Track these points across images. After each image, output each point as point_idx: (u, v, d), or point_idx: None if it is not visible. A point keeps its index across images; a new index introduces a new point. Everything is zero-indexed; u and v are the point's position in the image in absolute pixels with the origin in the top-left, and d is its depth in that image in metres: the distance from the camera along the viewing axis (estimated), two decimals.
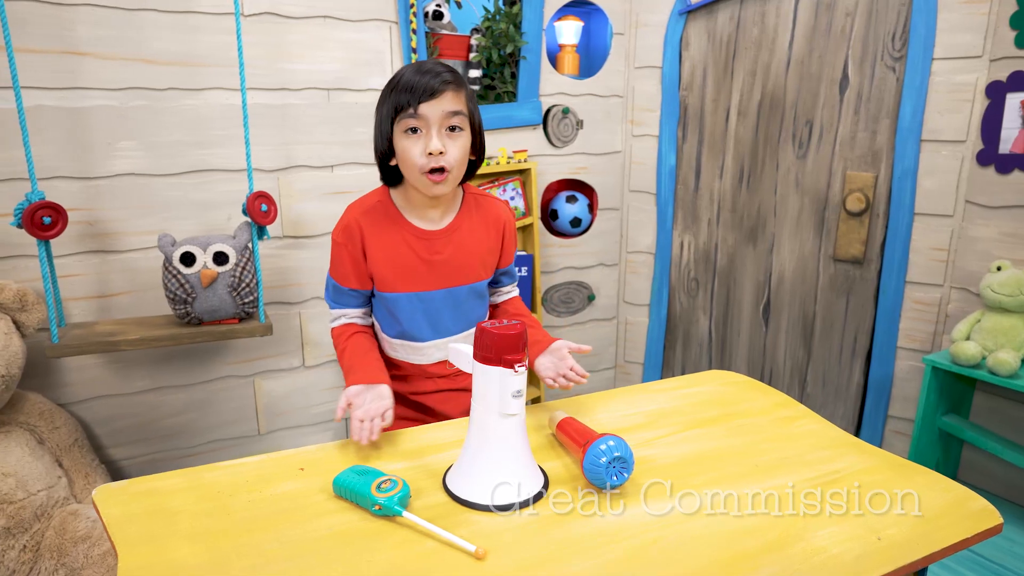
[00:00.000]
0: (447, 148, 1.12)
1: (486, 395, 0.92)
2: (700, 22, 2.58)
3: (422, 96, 1.09)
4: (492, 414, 0.92)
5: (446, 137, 1.12)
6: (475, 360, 0.92)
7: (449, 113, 1.11)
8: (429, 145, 1.10)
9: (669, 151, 2.72)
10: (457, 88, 1.13)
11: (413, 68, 1.13)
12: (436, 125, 1.11)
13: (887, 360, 2.41)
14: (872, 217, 2.37)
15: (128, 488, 0.94)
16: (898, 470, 1.04)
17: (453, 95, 1.12)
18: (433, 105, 1.10)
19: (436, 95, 1.10)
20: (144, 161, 1.99)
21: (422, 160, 1.12)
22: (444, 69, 1.13)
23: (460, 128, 1.14)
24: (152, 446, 2.18)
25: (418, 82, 1.09)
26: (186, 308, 1.84)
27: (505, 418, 0.92)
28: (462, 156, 1.15)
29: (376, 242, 1.21)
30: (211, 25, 1.98)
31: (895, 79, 2.26)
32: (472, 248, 1.25)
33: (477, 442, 0.94)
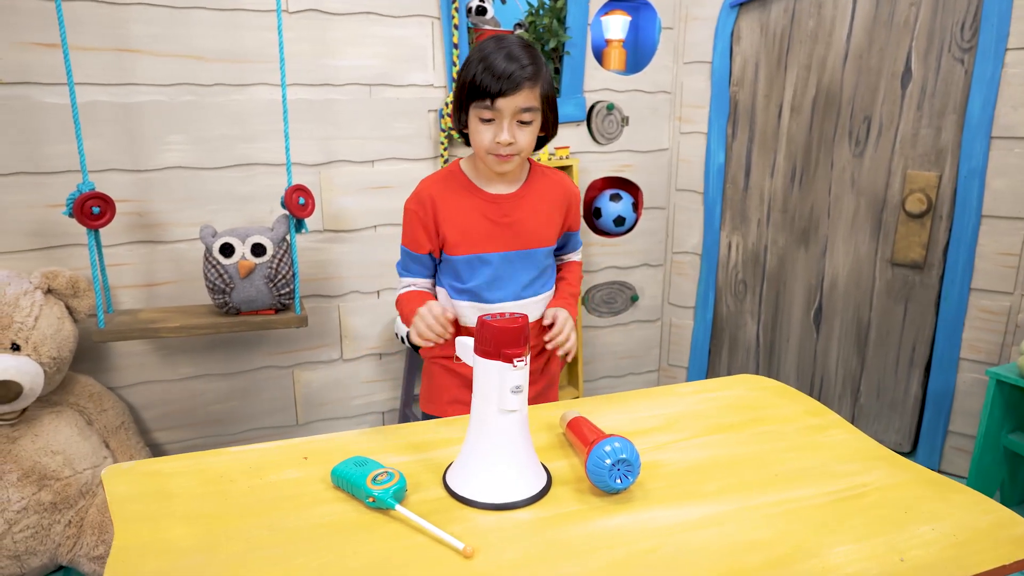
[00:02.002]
0: (516, 138, 1.18)
1: (486, 390, 0.89)
2: (752, 15, 2.48)
3: (500, 91, 1.13)
4: (492, 409, 0.89)
5: (516, 128, 1.18)
6: (475, 353, 0.90)
7: (522, 109, 1.16)
8: (499, 136, 1.17)
9: (718, 149, 2.63)
10: (534, 83, 1.16)
11: (495, 50, 1.15)
12: (508, 118, 1.16)
13: (948, 371, 2.26)
14: (934, 219, 2.23)
15: (136, 469, 0.96)
16: (932, 487, 0.96)
17: (529, 91, 1.16)
18: (508, 100, 1.14)
19: (514, 91, 1.14)
20: (191, 155, 2.05)
21: (490, 145, 1.18)
22: (526, 58, 1.15)
23: (531, 120, 1.18)
24: (194, 432, 2.25)
25: (498, 75, 1.13)
26: (224, 298, 1.89)
27: (504, 414, 0.89)
28: (530, 141, 1.21)
29: (447, 207, 1.27)
30: (256, 22, 2.03)
31: (963, 72, 2.12)
32: (540, 213, 1.30)
33: (476, 438, 0.92)
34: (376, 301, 2.39)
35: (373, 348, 2.43)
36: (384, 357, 2.46)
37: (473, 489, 0.90)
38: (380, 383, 2.47)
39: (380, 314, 2.41)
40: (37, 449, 1.75)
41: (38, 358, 1.74)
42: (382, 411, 2.50)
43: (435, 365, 1.43)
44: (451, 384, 1.39)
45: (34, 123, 1.88)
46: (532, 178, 1.32)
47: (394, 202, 2.33)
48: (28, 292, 1.78)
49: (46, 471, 1.75)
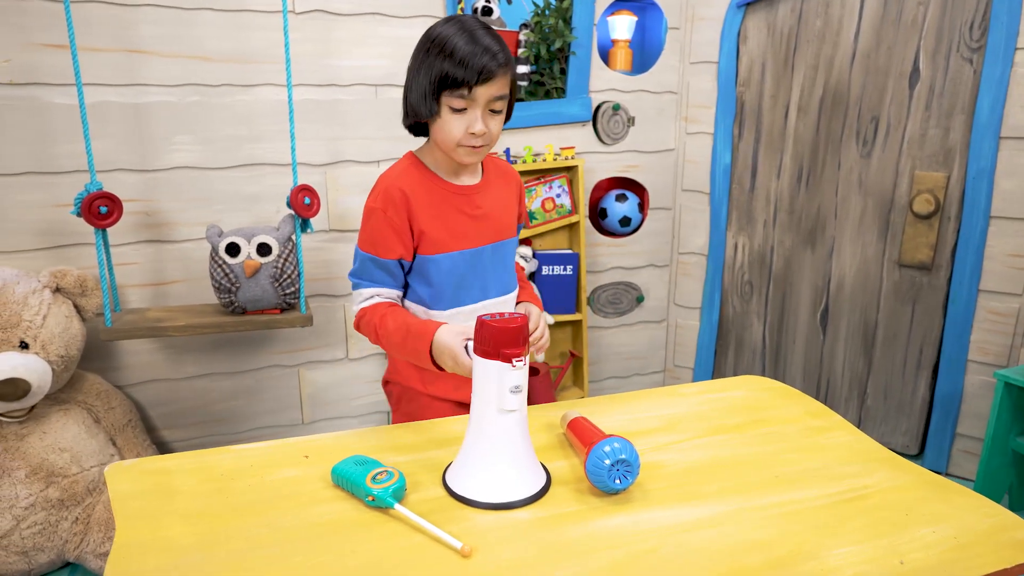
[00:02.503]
0: (489, 127, 1.13)
1: (485, 390, 0.90)
2: (759, 15, 2.47)
3: (478, 79, 1.07)
4: (491, 409, 0.89)
5: (488, 117, 1.13)
6: (474, 353, 0.90)
7: (496, 97, 1.11)
8: (474, 126, 1.11)
9: (724, 149, 2.62)
10: (506, 70, 1.11)
11: (466, 37, 1.07)
12: (482, 107, 1.11)
13: (956, 374, 2.24)
14: (942, 220, 2.22)
15: (138, 466, 0.97)
16: (934, 489, 0.95)
17: (503, 78, 1.11)
18: (485, 89, 1.09)
19: (491, 79, 1.08)
20: (198, 155, 2.06)
21: (463, 136, 1.12)
22: (496, 45, 1.09)
23: (501, 109, 1.15)
24: (200, 430, 2.26)
25: (475, 62, 1.06)
26: (230, 297, 1.90)
27: (504, 414, 0.89)
28: (499, 131, 1.17)
29: (421, 202, 1.17)
30: (263, 23, 2.04)
31: (972, 72, 2.10)
32: (502, 201, 1.28)
33: (475, 438, 0.92)
34: None
35: (377, 348, 2.43)
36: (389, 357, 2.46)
37: (472, 488, 0.90)
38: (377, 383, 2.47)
39: None
40: (45, 446, 1.77)
41: (46, 356, 1.76)
42: (386, 411, 2.51)
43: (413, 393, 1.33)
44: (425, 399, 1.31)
45: (43, 123, 1.89)
46: (487, 167, 1.28)
47: None
48: (37, 291, 1.79)
49: (54, 468, 1.77)
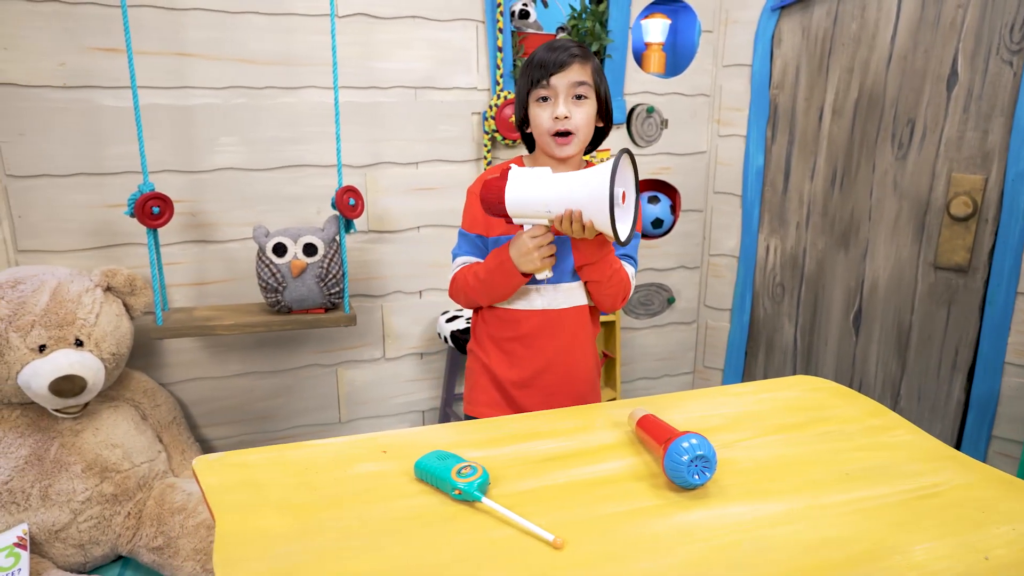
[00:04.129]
0: (572, 113, 1.24)
1: (528, 183, 1.13)
2: (794, 18, 2.49)
3: (552, 68, 1.22)
4: (533, 179, 1.13)
5: (572, 104, 1.24)
6: (487, 204, 1.15)
7: (575, 83, 1.23)
8: (556, 111, 1.23)
9: (757, 152, 2.64)
10: (584, 61, 1.24)
11: (545, 46, 1.27)
12: (563, 94, 1.23)
13: (993, 376, 2.25)
14: (980, 222, 2.22)
15: (223, 460, 0.99)
16: (1005, 487, 0.96)
17: (579, 67, 1.23)
18: (561, 76, 1.23)
19: (564, 67, 1.22)
20: (242, 156, 2.10)
21: (549, 124, 1.25)
22: (572, 44, 1.25)
23: (585, 97, 1.25)
24: (242, 428, 2.29)
25: (548, 57, 1.23)
26: (277, 296, 1.93)
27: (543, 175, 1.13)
28: (587, 120, 1.26)
29: None
30: (307, 26, 2.07)
31: (1012, 74, 2.11)
32: None
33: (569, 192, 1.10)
34: (418, 301, 2.43)
35: (415, 348, 2.46)
36: (425, 356, 2.49)
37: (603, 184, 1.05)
38: (421, 382, 2.50)
39: (422, 314, 2.44)
40: (99, 442, 1.81)
41: (99, 354, 1.79)
42: (423, 410, 2.54)
43: (476, 364, 1.44)
44: (488, 385, 1.40)
45: (95, 125, 1.93)
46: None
47: (438, 203, 2.37)
48: (89, 290, 1.83)
49: (107, 463, 1.80)
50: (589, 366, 1.40)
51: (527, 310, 1.34)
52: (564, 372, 1.36)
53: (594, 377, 1.42)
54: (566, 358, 1.35)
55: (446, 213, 2.38)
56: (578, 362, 1.37)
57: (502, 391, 1.38)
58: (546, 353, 1.34)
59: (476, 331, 1.44)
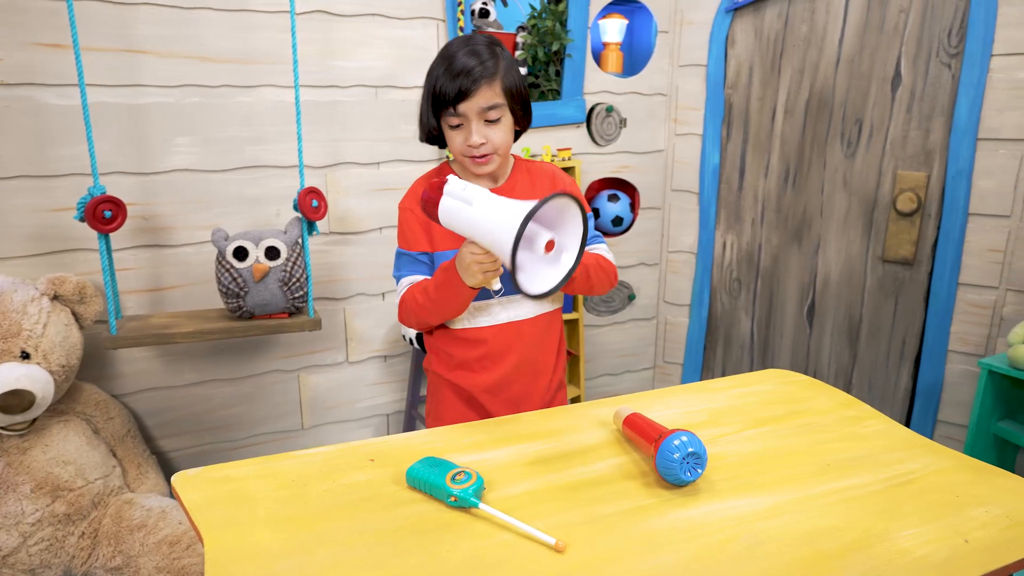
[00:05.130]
0: (488, 137, 1.18)
1: (457, 207, 1.02)
2: (747, 19, 2.55)
3: (457, 98, 1.15)
4: (466, 208, 1.01)
5: (486, 128, 1.18)
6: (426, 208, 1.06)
7: (485, 108, 1.17)
8: (469, 139, 1.18)
9: (713, 150, 2.70)
10: (492, 79, 1.16)
11: (446, 62, 1.17)
12: (475, 119, 1.17)
13: (937, 364, 2.36)
14: (923, 217, 2.33)
15: (204, 475, 0.95)
16: (976, 472, 1.01)
17: (488, 89, 1.16)
18: (470, 104, 1.16)
19: (470, 95, 1.15)
20: (198, 157, 2.02)
21: (463, 148, 1.20)
22: (475, 61, 1.15)
23: (499, 118, 1.19)
24: (200, 438, 2.21)
25: (453, 81, 1.14)
26: (238, 302, 1.87)
27: (477, 198, 1.00)
28: (504, 138, 1.21)
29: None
30: (264, 23, 2.01)
31: (951, 76, 2.21)
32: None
33: (484, 226, 0.99)
34: (381, 303, 2.39)
35: (378, 351, 2.43)
36: (389, 359, 2.45)
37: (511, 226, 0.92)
38: (385, 385, 2.46)
39: (385, 316, 2.40)
40: (49, 460, 1.71)
41: (48, 366, 1.70)
42: (387, 413, 2.50)
43: (441, 381, 1.37)
44: (455, 401, 1.35)
45: (39, 125, 1.83)
46: (516, 173, 1.30)
47: None
48: (35, 299, 1.73)
49: (59, 482, 1.71)
50: (558, 370, 1.37)
51: (491, 326, 1.28)
52: (530, 378, 1.32)
53: (561, 379, 1.40)
54: (532, 367, 1.32)
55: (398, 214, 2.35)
56: (545, 367, 1.34)
57: (471, 403, 1.34)
58: (512, 363, 1.29)
59: (435, 351, 1.36)
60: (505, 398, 1.33)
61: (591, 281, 1.26)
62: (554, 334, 1.36)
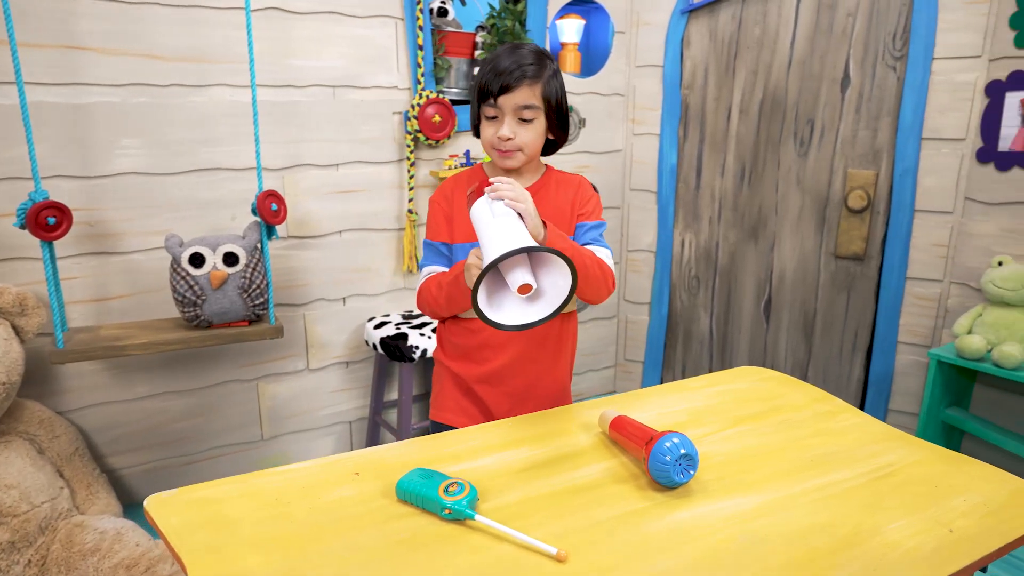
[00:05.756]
0: (517, 134, 1.23)
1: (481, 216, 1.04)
2: (702, 21, 2.59)
3: (499, 90, 1.21)
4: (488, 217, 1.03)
5: (518, 125, 1.23)
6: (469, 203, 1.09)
7: (521, 107, 1.22)
8: (499, 131, 1.23)
9: (670, 150, 2.73)
10: (534, 81, 1.22)
11: (504, 53, 1.23)
12: (509, 114, 1.22)
13: (888, 355, 2.45)
14: (873, 214, 2.41)
15: (180, 497, 0.90)
16: (951, 463, 1.05)
17: (528, 88, 1.21)
18: (508, 98, 1.21)
19: (511, 90, 1.20)
20: (147, 159, 1.93)
21: (493, 140, 1.25)
22: (527, 59, 1.21)
23: (532, 118, 1.23)
24: (153, 454, 2.12)
25: (498, 76, 1.20)
26: (195, 311, 1.79)
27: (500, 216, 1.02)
28: (533, 139, 1.25)
29: (461, 198, 1.32)
30: (217, 19, 1.93)
31: (896, 78, 2.30)
32: (551, 209, 1.29)
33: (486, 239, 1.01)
34: (342, 308, 2.33)
35: (340, 357, 2.37)
36: (351, 365, 2.40)
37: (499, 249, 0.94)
38: (348, 392, 2.41)
39: (347, 321, 2.35)
40: None
41: None
42: (350, 421, 2.44)
43: (442, 370, 1.41)
44: (454, 391, 1.38)
45: None
46: (545, 180, 1.34)
47: (360, 206, 2.28)
48: None
49: (1, 507, 1.61)
50: (562, 371, 1.38)
51: None
52: (535, 376, 1.34)
53: (566, 381, 1.41)
54: (535, 364, 1.33)
55: (369, 216, 2.31)
56: (549, 367, 1.35)
57: (469, 394, 1.35)
58: (510, 355, 1.32)
59: (442, 340, 1.40)
60: (504, 391, 1.33)
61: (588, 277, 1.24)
62: (563, 335, 1.36)
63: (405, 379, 2.18)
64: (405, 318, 2.32)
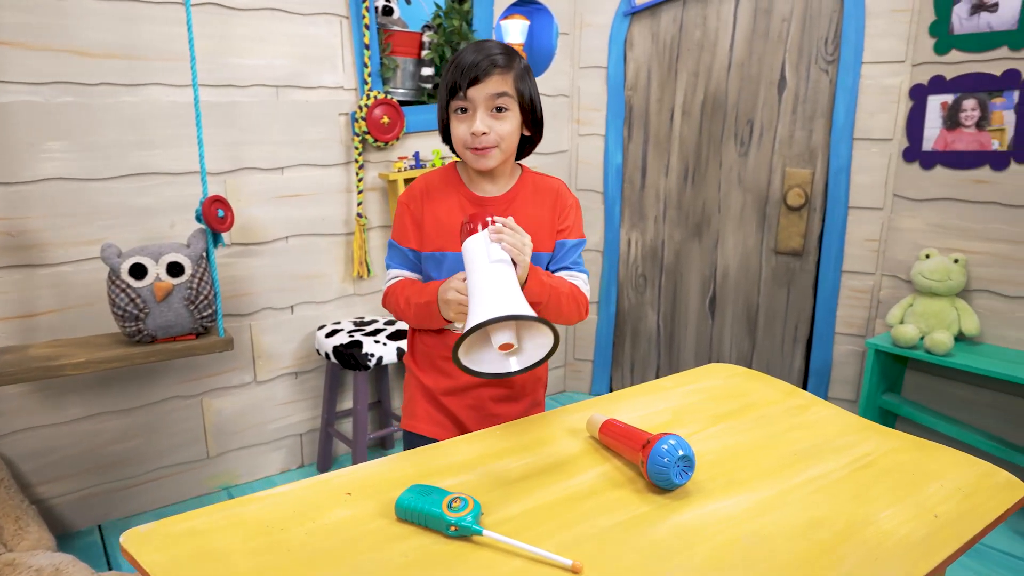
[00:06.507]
0: (491, 128, 1.16)
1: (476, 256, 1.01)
2: (644, 23, 2.64)
3: (469, 81, 1.14)
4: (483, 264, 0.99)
5: (491, 118, 1.17)
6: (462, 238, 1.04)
7: (493, 95, 1.15)
8: (473, 126, 1.16)
9: (615, 150, 2.77)
10: (505, 70, 1.16)
11: (471, 48, 1.18)
12: (482, 106, 1.16)
13: (826, 346, 2.56)
14: (810, 211, 2.52)
15: (160, 530, 0.83)
16: (923, 450, 1.10)
17: (500, 77, 1.16)
18: (478, 89, 1.15)
19: (480, 80, 1.14)
20: (75, 164, 1.79)
21: (466, 138, 1.18)
22: (496, 50, 1.17)
23: (506, 109, 1.17)
24: (89, 479, 1.97)
25: (466, 66, 1.15)
26: (137, 325, 1.68)
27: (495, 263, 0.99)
28: (509, 133, 1.19)
29: (433, 202, 1.27)
30: (149, 14, 1.82)
31: (829, 81, 2.41)
32: (528, 218, 1.22)
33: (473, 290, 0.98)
34: (290, 317, 2.24)
35: (288, 367, 2.28)
36: (300, 376, 2.31)
37: (485, 312, 0.91)
38: (298, 403, 2.32)
39: (295, 330, 2.26)
40: None
41: None
42: (301, 433, 2.35)
43: (412, 379, 1.37)
44: (424, 401, 1.34)
45: None
46: (522, 183, 1.28)
47: (307, 211, 2.20)
48: None
49: None
50: (532, 381, 1.35)
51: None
52: (504, 391, 1.30)
53: (538, 396, 1.38)
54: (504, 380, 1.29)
55: (316, 221, 2.23)
56: (520, 383, 1.32)
57: (439, 405, 1.32)
58: None
59: (412, 345, 1.36)
60: (469, 403, 1.30)
61: (561, 312, 1.24)
62: None
63: (360, 388, 2.12)
64: (357, 325, 2.25)
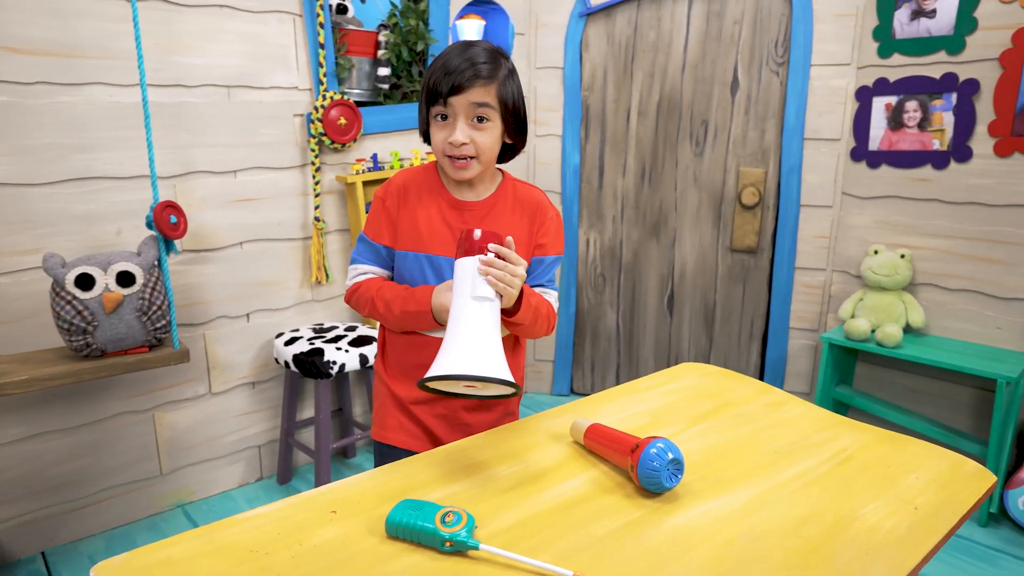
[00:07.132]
0: (471, 139, 1.13)
1: (462, 285, 0.98)
2: (599, 24, 2.65)
3: (450, 90, 1.11)
4: (467, 300, 0.97)
5: (472, 128, 1.14)
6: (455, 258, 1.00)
7: (475, 105, 1.12)
8: (452, 136, 1.13)
9: (573, 151, 2.77)
10: (488, 81, 1.12)
11: (456, 51, 1.14)
12: (463, 115, 1.13)
13: (781, 340, 2.63)
14: (763, 210, 2.58)
15: (133, 562, 0.78)
16: (894, 442, 1.13)
17: (483, 88, 1.12)
18: (460, 99, 1.12)
19: (463, 90, 1.11)
20: (8, 168, 1.68)
21: (444, 146, 1.15)
22: (482, 58, 1.13)
23: (487, 119, 1.14)
24: (31, 503, 1.86)
25: (448, 74, 1.11)
26: (86, 339, 1.58)
27: (479, 301, 0.97)
28: (490, 144, 1.16)
29: (411, 201, 1.23)
30: (88, 9, 1.72)
31: (779, 83, 2.47)
32: (506, 228, 1.20)
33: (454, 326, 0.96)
34: (246, 325, 2.16)
35: (245, 377, 2.20)
36: (258, 385, 2.23)
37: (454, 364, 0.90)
38: (255, 415, 2.24)
39: (251, 339, 2.18)
40: None
41: None
42: (259, 445, 2.28)
43: (381, 387, 1.33)
44: (395, 410, 1.30)
45: None
46: (502, 191, 1.25)
47: (262, 215, 2.13)
48: None
49: None
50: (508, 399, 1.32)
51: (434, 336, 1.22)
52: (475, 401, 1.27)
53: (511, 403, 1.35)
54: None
55: (272, 226, 2.15)
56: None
57: (409, 414, 1.28)
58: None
59: (383, 349, 1.32)
60: (439, 413, 1.27)
61: (534, 331, 1.22)
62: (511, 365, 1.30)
63: (322, 396, 2.06)
64: (317, 332, 2.19)
